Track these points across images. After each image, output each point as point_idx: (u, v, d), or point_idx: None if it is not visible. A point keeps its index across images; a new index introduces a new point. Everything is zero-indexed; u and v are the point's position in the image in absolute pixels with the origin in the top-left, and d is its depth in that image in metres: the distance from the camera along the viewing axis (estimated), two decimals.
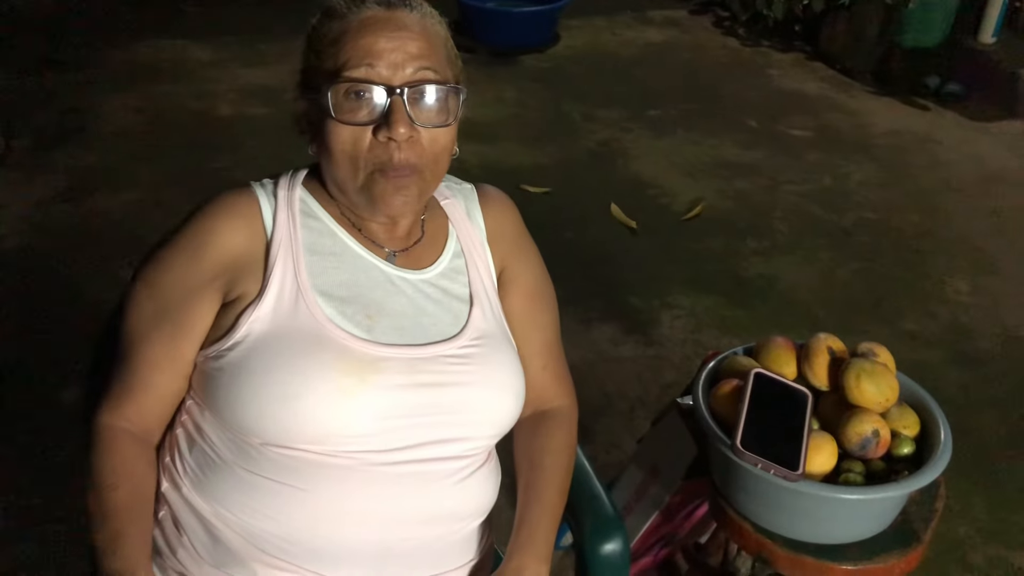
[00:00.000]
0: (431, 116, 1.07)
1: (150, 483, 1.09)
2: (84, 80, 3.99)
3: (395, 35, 1.05)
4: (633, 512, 1.59)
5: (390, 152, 1.05)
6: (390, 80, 1.04)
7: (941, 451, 1.24)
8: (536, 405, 1.24)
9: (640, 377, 2.51)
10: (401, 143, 1.05)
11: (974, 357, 2.66)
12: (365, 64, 1.04)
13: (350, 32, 1.06)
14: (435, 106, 1.07)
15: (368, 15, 1.06)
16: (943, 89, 4.19)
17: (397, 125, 1.03)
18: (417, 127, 1.05)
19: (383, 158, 1.06)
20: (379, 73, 1.04)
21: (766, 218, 3.29)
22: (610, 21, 4.95)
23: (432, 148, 1.08)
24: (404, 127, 1.04)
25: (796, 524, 1.26)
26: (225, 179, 3.16)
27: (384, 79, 1.04)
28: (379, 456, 1.04)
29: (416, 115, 1.05)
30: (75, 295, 2.65)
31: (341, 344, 1.04)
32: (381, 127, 1.04)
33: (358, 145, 1.06)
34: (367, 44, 1.04)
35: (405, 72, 1.05)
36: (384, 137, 1.04)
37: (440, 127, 1.07)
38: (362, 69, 1.04)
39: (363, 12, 1.07)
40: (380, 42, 1.05)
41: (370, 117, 1.05)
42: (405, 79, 1.05)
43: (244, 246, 1.09)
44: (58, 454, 2.09)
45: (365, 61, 1.04)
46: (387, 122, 1.04)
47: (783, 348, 1.37)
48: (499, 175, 3.34)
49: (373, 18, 1.06)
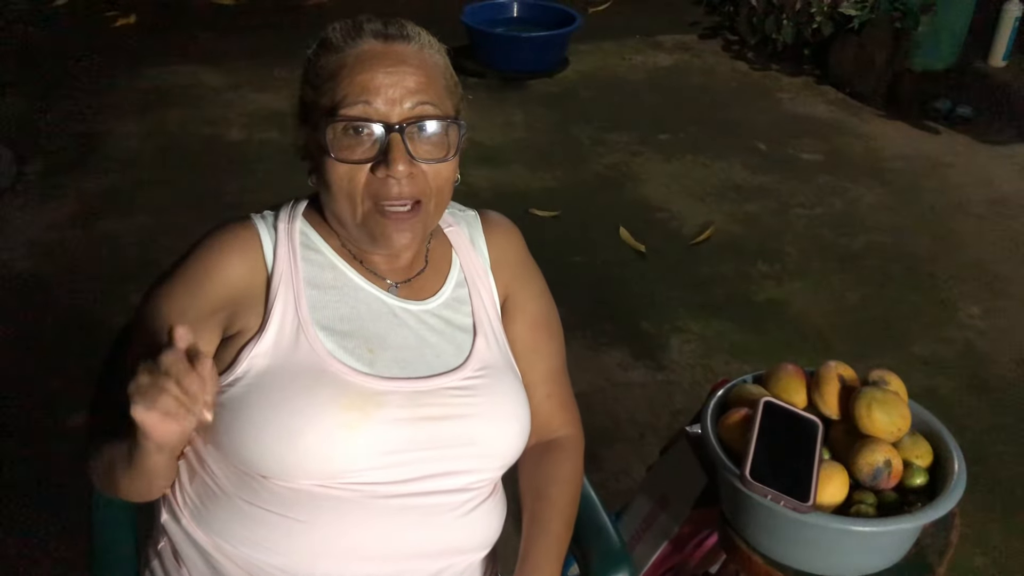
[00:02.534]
0: (431, 151, 1.05)
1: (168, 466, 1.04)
2: (96, 105, 4.02)
3: (393, 70, 1.03)
4: (642, 542, 1.57)
5: (388, 187, 1.04)
6: (388, 117, 1.03)
7: (955, 482, 1.21)
8: (541, 434, 1.22)
9: (650, 403, 2.49)
10: (401, 179, 1.04)
11: (988, 383, 2.62)
12: (362, 101, 1.03)
13: (347, 67, 1.04)
14: (435, 140, 1.05)
15: (365, 48, 1.05)
16: (953, 112, 4.18)
17: (396, 163, 1.02)
18: (417, 162, 1.04)
19: (381, 192, 1.05)
20: (376, 110, 1.03)
21: (776, 242, 3.28)
22: (619, 45, 4.97)
23: (435, 181, 1.07)
24: (403, 164, 1.02)
25: (807, 556, 1.23)
26: (236, 204, 3.18)
27: (382, 116, 1.03)
28: (382, 489, 1.03)
29: (416, 150, 1.04)
30: (85, 319, 2.65)
31: (342, 379, 1.03)
32: (380, 164, 1.03)
33: (355, 182, 1.05)
34: (364, 80, 1.03)
35: (403, 107, 1.03)
36: (383, 175, 1.03)
37: (440, 162, 1.06)
38: (359, 106, 1.03)
39: (360, 45, 1.05)
40: (377, 78, 1.03)
41: (368, 154, 1.04)
42: (403, 115, 1.03)
43: (245, 281, 1.08)
44: (64, 481, 2.07)
45: (362, 98, 1.03)
46: (386, 160, 1.02)
47: (793, 376, 1.35)
48: (508, 199, 3.34)
49: (370, 52, 1.04)
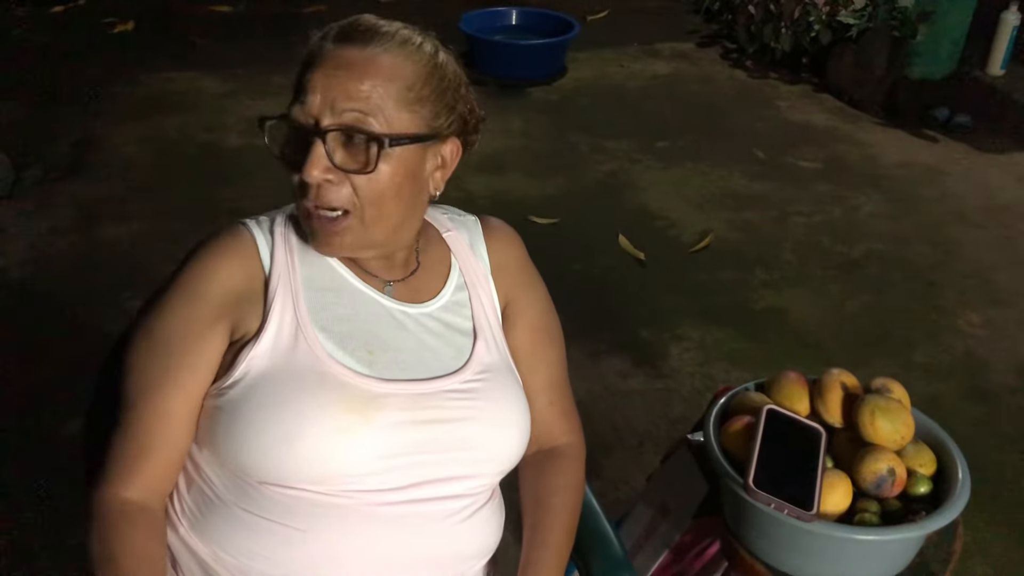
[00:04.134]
0: (348, 161, 1.02)
1: (163, 566, 1.04)
2: (94, 112, 4.02)
3: (334, 73, 1.01)
4: (643, 551, 1.56)
5: (307, 190, 1.03)
6: (320, 119, 1.01)
7: (959, 491, 1.21)
8: (542, 442, 1.21)
9: (649, 411, 2.48)
10: (315, 185, 1.02)
11: (989, 391, 2.62)
12: (299, 101, 1.02)
13: (302, 66, 1.04)
14: (356, 151, 1.02)
15: (319, 50, 1.04)
16: (951, 121, 4.19)
17: (309, 167, 1.00)
18: (338, 170, 1.01)
19: (309, 195, 1.04)
20: (308, 111, 1.01)
21: (775, 250, 3.27)
22: (618, 53, 4.98)
23: (370, 190, 1.03)
24: (317, 170, 1.00)
25: (810, 565, 1.22)
26: (234, 210, 3.16)
27: (313, 117, 1.01)
28: (380, 496, 1.02)
29: (339, 159, 1.01)
30: (82, 326, 2.64)
31: (342, 381, 1.02)
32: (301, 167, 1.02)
33: (294, 180, 1.05)
34: (305, 81, 1.02)
35: (336, 112, 1.00)
36: (298, 179, 1.03)
37: (358, 175, 1.02)
38: (296, 106, 1.02)
39: (320, 47, 1.04)
40: (316, 79, 1.02)
41: (294, 156, 1.03)
42: (334, 120, 1.00)
43: (244, 284, 1.07)
44: (59, 490, 2.06)
45: (299, 97, 1.02)
46: (303, 162, 1.01)
47: (795, 384, 1.35)
48: (507, 206, 3.34)
49: (321, 54, 1.03)
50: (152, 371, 1.04)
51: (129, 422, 1.04)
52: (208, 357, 1.04)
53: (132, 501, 1.02)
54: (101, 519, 1.01)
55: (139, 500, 1.03)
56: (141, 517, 1.02)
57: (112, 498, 1.02)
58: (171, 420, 1.03)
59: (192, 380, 1.04)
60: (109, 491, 1.02)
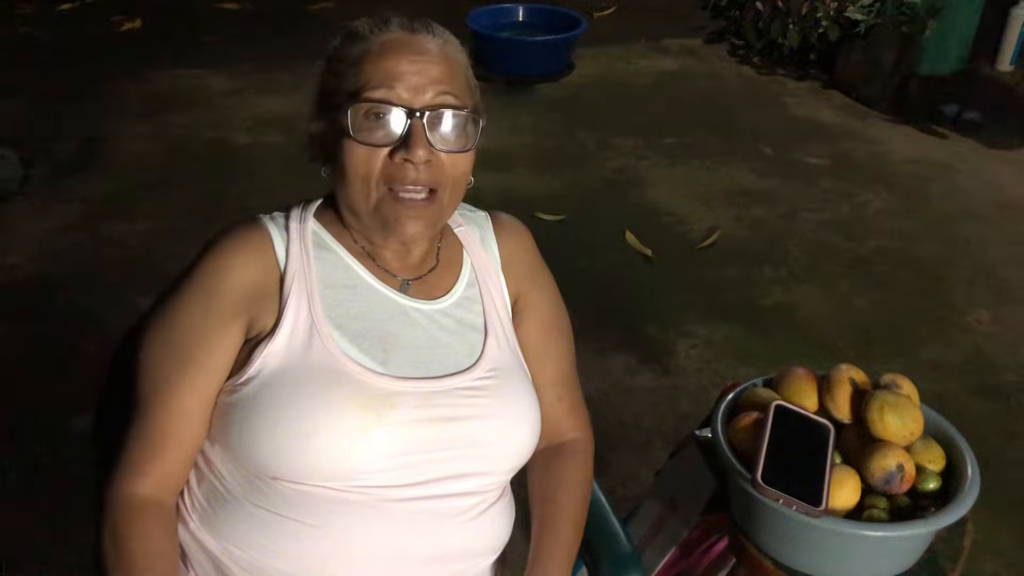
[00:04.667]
0: (450, 141, 1.06)
1: (176, 562, 1.04)
2: (102, 110, 4.03)
3: (417, 58, 1.05)
4: (650, 547, 1.56)
5: (405, 172, 1.04)
6: (410, 103, 1.04)
7: (969, 487, 1.20)
8: (551, 438, 1.21)
9: (656, 407, 2.47)
10: (419, 165, 1.04)
11: (998, 388, 2.61)
12: (385, 86, 1.04)
13: (372, 53, 1.05)
14: (454, 131, 1.06)
15: (391, 38, 1.06)
16: (960, 117, 4.17)
17: (416, 147, 1.02)
18: (435, 151, 1.05)
19: (397, 177, 1.05)
20: (399, 95, 1.04)
21: (783, 246, 3.26)
22: (625, 50, 4.97)
23: (452, 172, 1.07)
24: (423, 150, 1.03)
25: (819, 561, 1.22)
26: (241, 207, 3.18)
27: (404, 101, 1.04)
28: (392, 492, 1.02)
29: (435, 139, 1.04)
30: (89, 323, 2.65)
31: (356, 379, 1.03)
32: (399, 149, 1.03)
33: (371, 165, 1.05)
34: (388, 66, 1.04)
35: (425, 96, 1.04)
36: (401, 159, 1.03)
37: (459, 152, 1.06)
38: (382, 91, 1.03)
39: (386, 35, 1.06)
40: (402, 64, 1.04)
41: (388, 139, 1.04)
42: (425, 103, 1.04)
43: (259, 280, 1.07)
44: (66, 487, 2.07)
45: (386, 83, 1.04)
46: (406, 144, 1.03)
47: (804, 379, 1.34)
48: (514, 203, 3.33)
49: (396, 41, 1.06)
50: (167, 368, 1.04)
51: (143, 419, 1.04)
52: (223, 355, 1.04)
53: (145, 497, 1.03)
54: (114, 515, 1.02)
55: (152, 496, 1.03)
56: (154, 513, 1.03)
57: (125, 494, 1.02)
58: (185, 418, 1.04)
59: (207, 378, 1.04)
60: (122, 487, 1.03)
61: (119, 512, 1.02)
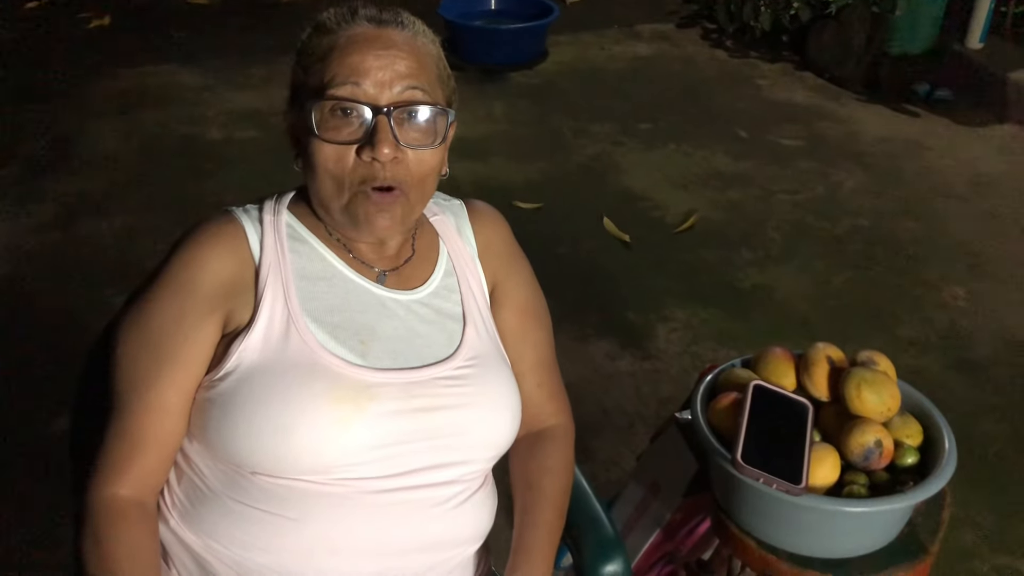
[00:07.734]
0: (418, 137, 1.04)
1: (158, 562, 1.03)
2: (72, 108, 3.98)
3: (383, 53, 1.03)
4: (634, 530, 1.57)
5: (374, 171, 1.03)
6: (376, 99, 1.02)
7: (946, 460, 1.22)
8: (532, 424, 1.22)
9: (638, 392, 2.48)
10: (385, 163, 1.02)
11: (974, 363, 2.64)
12: (351, 82, 1.02)
13: (337, 48, 1.03)
14: (422, 127, 1.04)
15: (357, 31, 1.04)
16: (932, 95, 4.20)
17: (381, 145, 1.01)
18: (403, 148, 1.03)
19: (367, 175, 1.03)
20: (365, 91, 1.02)
21: (760, 228, 3.28)
22: (598, 36, 4.96)
23: (419, 169, 1.05)
24: (389, 148, 1.01)
25: (800, 539, 1.23)
26: (216, 203, 3.11)
27: (370, 98, 1.02)
28: (374, 484, 1.02)
29: (402, 135, 1.03)
30: (65, 323, 2.62)
31: (335, 371, 1.02)
32: (365, 147, 1.02)
33: (341, 164, 1.03)
34: (354, 62, 1.02)
35: (392, 91, 1.02)
36: (368, 157, 1.02)
37: (426, 148, 1.05)
38: (348, 87, 1.02)
39: (352, 28, 1.04)
40: (367, 60, 1.02)
41: (354, 136, 1.02)
42: (392, 99, 1.02)
43: (234, 274, 1.05)
44: (44, 489, 2.05)
45: (351, 79, 1.02)
46: (371, 142, 1.01)
47: (782, 359, 1.35)
48: (490, 191, 3.33)
49: (362, 35, 1.04)
50: (144, 366, 1.03)
51: (121, 418, 1.03)
52: (201, 350, 1.03)
53: (126, 498, 1.02)
54: (95, 515, 1.01)
55: (133, 496, 1.02)
56: (135, 512, 1.02)
57: (107, 495, 1.01)
58: (164, 414, 1.03)
59: (185, 373, 1.03)
60: (102, 487, 1.02)
61: (100, 513, 1.01)
